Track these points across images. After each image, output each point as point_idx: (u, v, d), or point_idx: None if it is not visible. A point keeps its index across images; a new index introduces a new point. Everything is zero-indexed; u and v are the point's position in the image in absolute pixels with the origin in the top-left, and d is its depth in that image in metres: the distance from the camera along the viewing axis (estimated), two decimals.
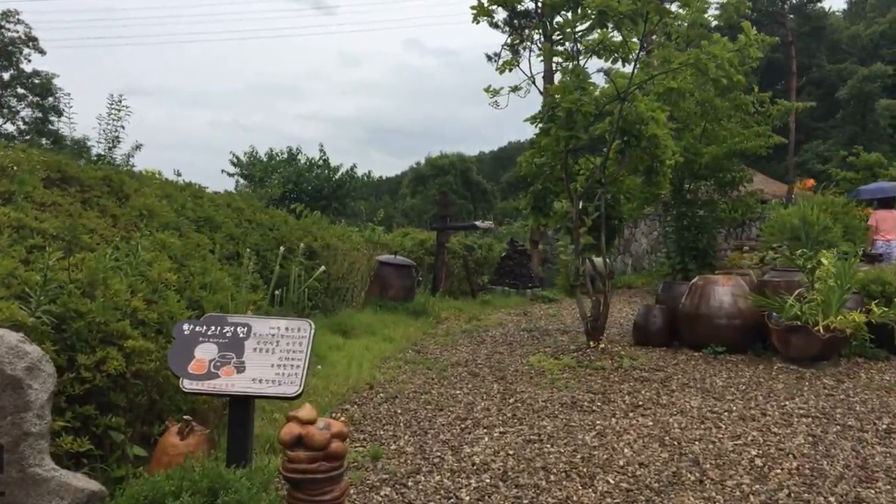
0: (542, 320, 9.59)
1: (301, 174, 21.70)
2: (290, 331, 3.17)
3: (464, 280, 11.82)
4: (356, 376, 5.94)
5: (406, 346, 7.57)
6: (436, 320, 9.21)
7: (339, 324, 7.58)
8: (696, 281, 7.14)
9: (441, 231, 10.99)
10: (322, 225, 9.56)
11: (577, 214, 6.76)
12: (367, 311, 8.72)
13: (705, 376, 6.03)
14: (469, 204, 41.14)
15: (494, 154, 76.25)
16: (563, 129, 6.34)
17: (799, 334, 6.24)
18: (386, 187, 68.65)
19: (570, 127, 6.33)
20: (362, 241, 10.34)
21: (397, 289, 9.24)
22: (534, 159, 7.59)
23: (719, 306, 6.80)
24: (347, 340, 7.25)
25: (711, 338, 6.81)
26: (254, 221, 7.84)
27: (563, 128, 6.34)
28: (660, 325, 7.23)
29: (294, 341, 3.13)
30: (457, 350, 7.45)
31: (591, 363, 6.42)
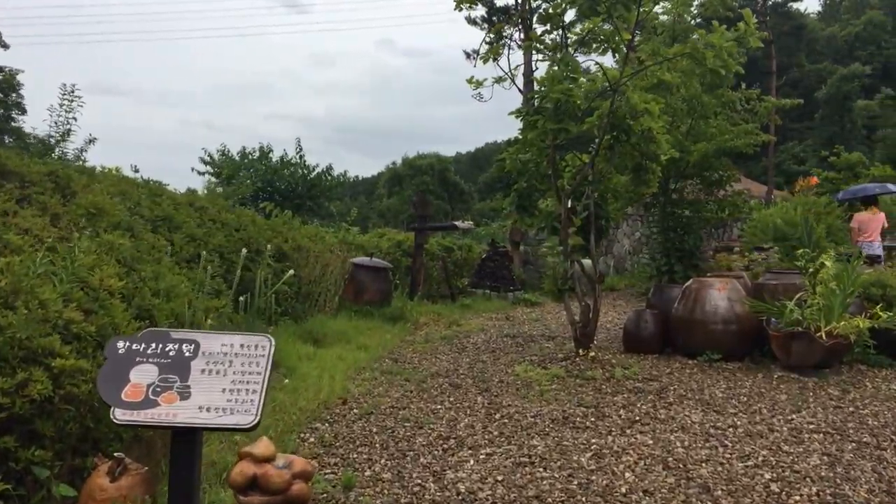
0: (526, 325, 9.17)
1: (275, 173, 21.11)
2: (246, 348, 2.69)
3: (443, 283, 11.37)
4: (328, 390, 5.45)
5: (382, 354, 7.09)
6: (414, 326, 8.74)
7: (311, 331, 7.08)
8: (690, 284, 6.77)
9: (419, 232, 10.53)
10: (293, 225, 9.05)
11: (565, 214, 6.35)
12: (341, 316, 8.22)
13: (703, 387, 5.65)
14: (446, 205, 40.74)
15: (471, 155, 76.05)
16: (551, 122, 5.92)
17: (800, 341, 5.88)
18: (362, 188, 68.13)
19: (559, 119, 5.91)
20: (336, 243, 9.83)
21: (373, 293, 8.76)
22: (518, 155, 7.16)
23: (714, 311, 6.43)
24: (319, 349, 6.75)
25: (707, 344, 6.44)
26: (218, 221, 7.32)
27: (552, 120, 5.92)
28: (652, 330, 6.84)
29: (250, 361, 2.66)
30: (437, 359, 6.99)
31: (581, 373, 6.00)
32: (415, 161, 44.64)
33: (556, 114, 5.92)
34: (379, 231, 12.19)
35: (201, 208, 7.39)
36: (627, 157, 7.23)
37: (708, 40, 5.87)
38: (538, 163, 7.12)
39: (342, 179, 20.46)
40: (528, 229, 14.16)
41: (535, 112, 6.41)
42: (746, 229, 15.31)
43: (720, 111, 10.86)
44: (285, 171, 20.60)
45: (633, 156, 7.20)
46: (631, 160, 7.30)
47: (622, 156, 7.16)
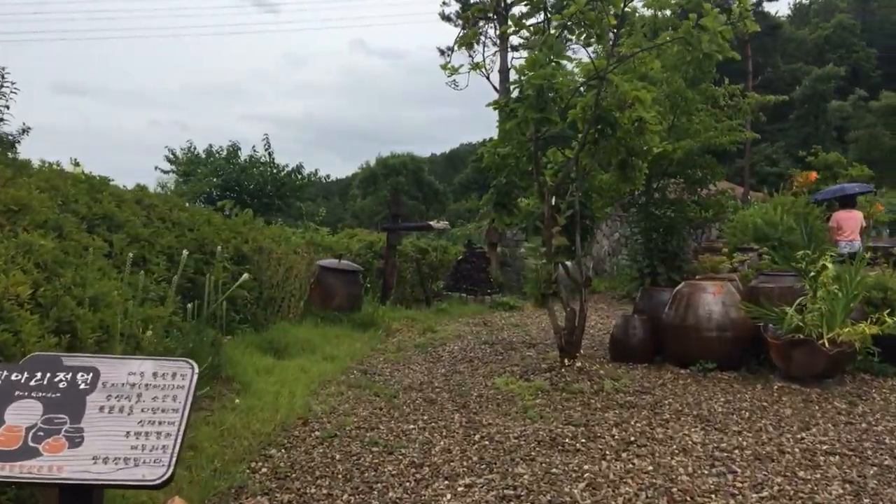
0: (505, 331, 8.65)
1: (242, 171, 20.39)
2: (161, 378, 2.11)
3: (417, 286, 10.80)
4: (287, 408, 4.86)
5: (350, 365, 6.51)
6: (385, 333, 8.17)
7: (272, 340, 6.47)
8: (682, 288, 6.30)
9: (391, 232, 9.95)
10: (255, 225, 8.41)
11: (549, 212, 5.84)
12: (306, 323, 7.62)
13: (700, 400, 5.17)
14: (421, 205, 40.17)
15: (446, 156, 75.64)
16: (532, 111, 5.40)
17: (802, 349, 5.44)
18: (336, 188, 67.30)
19: (542, 108, 5.40)
20: (302, 244, 9.21)
21: (341, 297, 8.16)
22: (497, 149, 6.64)
23: (708, 317, 5.97)
24: (280, 361, 6.15)
25: (700, 352, 5.98)
26: (168, 220, 6.67)
27: (533, 109, 5.40)
28: (641, 338, 6.37)
29: (165, 394, 2.08)
30: (410, 369, 6.43)
31: (567, 385, 5.49)
32: (388, 160, 43.97)
33: (537, 102, 5.41)
34: (349, 231, 11.58)
35: (150, 206, 6.74)
36: (612, 152, 6.75)
37: (701, 23, 5.40)
38: (518, 157, 6.62)
39: (313, 179, 19.79)
40: (505, 229, 13.69)
41: (515, 101, 5.90)
42: (726, 230, 15.02)
43: (702, 107, 10.47)
44: (254, 170, 19.90)
45: (619, 151, 6.72)
46: (616, 156, 6.82)
47: (607, 151, 6.69)
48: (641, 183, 7.07)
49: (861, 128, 27.38)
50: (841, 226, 11.58)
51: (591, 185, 7.01)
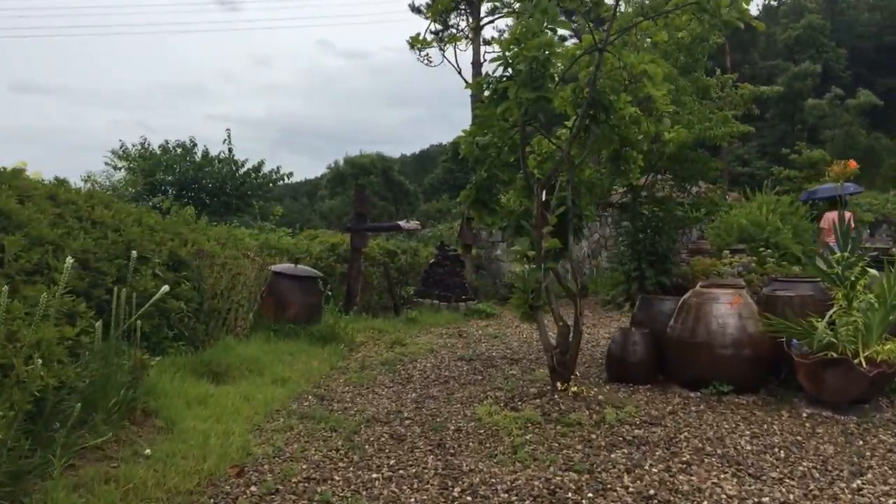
0: (483, 343, 7.74)
1: (199, 169, 19.18)
2: None
3: (384, 293, 9.84)
4: (219, 453, 3.89)
5: (305, 389, 5.55)
6: (348, 347, 7.20)
7: (210, 361, 5.47)
8: (689, 297, 5.47)
9: (356, 233, 8.98)
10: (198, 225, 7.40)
11: (538, 210, 4.95)
12: (255, 338, 6.62)
13: (722, 434, 4.32)
14: (391, 205, 39.14)
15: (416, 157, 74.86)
16: (525, 90, 4.50)
17: (837, 370, 4.64)
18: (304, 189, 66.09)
19: (537, 86, 4.51)
20: (255, 246, 8.20)
21: (298, 307, 7.17)
22: (475, 138, 5.74)
23: (722, 331, 5.14)
24: (219, 387, 5.15)
25: (713, 373, 5.14)
26: (88, 219, 5.64)
27: (526, 87, 4.50)
28: (642, 355, 5.52)
29: None
30: (375, 394, 5.49)
31: (562, 416, 4.60)
32: (357, 160, 42.84)
33: (531, 79, 4.51)
34: (310, 232, 10.57)
35: (67, 203, 5.70)
36: (605, 141, 5.92)
37: None
38: (500, 147, 5.73)
39: (275, 176, 18.65)
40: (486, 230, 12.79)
41: (503, 79, 5.00)
42: (709, 231, 14.35)
43: (694, 98, 9.73)
44: (211, 168, 18.71)
45: (612, 141, 5.90)
46: (609, 146, 5.99)
47: (599, 140, 5.85)
48: (637, 176, 6.24)
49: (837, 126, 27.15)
50: (832, 226, 10.97)
51: (580, 179, 6.16)
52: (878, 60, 41.95)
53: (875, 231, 19.28)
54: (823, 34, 43.08)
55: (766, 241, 13.96)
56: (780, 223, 14.84)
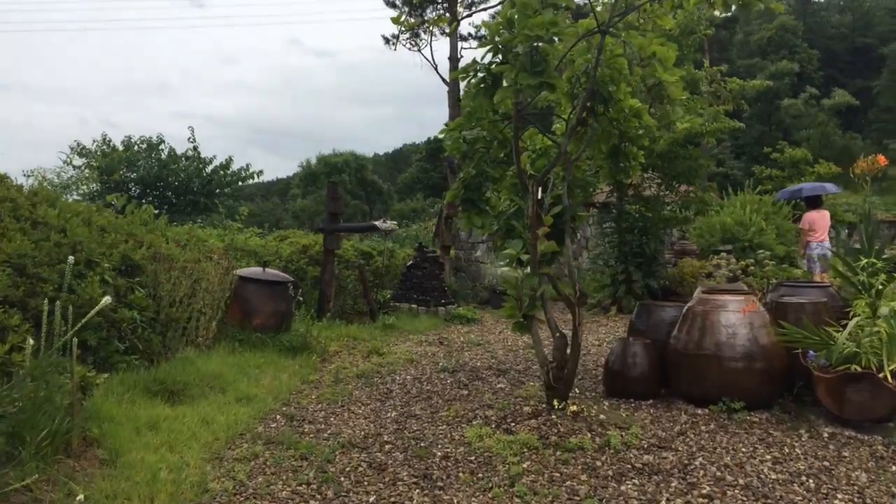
0: (467, 352, 7.25)
1: (164, 167, 18.41)
2: None
3: (360, 297, 9.29)
4: (169, 491, 3.34)
5: (273, 408, 4.99)
6: (321, 358, 6.65)
7: (166, 378, 4.88)
8: (694, 305, 5.03)
9: (330, 234, 8.42)
10: (156, 225, 6.79)
11: (533, 210, 4.47)
12: (219, 350, 6.03)
13: (741, 458, 3.88)
14: (365, 205, 38.47)
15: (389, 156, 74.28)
16: (527, 75, 4.00)
17: (861, 386, 4.24)
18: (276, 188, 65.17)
19: (539, 70, 4.01)
20: (221, 248, 7.60)
21: (266, 315, 6.60)
22: (462, 132, 5.24)
23: (732, 343, 4.71)
24: (176, 408, 4.57)
25: (722, 388, 4.71)
26: (29, 219, 5.02)
27: (526, 72, 4.00)
28: (644, 368, 5.07)
29: None
30: (350, 412, 4.96)
31: (562, 440, 4.12)
32: (330, 159, 42.04)
33: (531, 63, 4.02)
34: (280, 233, 9.95)
35: (4, 200, 5.08)
36: (604, 136, 5.47)
37: None
38: (489, 141, 5.24)
39: (244, 174, 17.94)
40: (458, 230, 12.31)
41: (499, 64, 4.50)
42: (691, 231, 14.03)
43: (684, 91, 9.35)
44: (177, 166, 17.95)
45: (611, 135, 5.45)
46: (607, 141, 5.54)
47: (597, 134, 5.39)
48: (636, 174, 5.81)
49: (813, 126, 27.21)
50: (813, 227, 10.74)
51: (574, 176, 5.70)
52: (849, 62, 42.46)
53: (853, 231, 19.22)
54: (796, 35, 43.45)
55: (750, 241, 13.71)
56: (764, 223, 14.62)
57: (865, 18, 48.69)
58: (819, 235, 10.69)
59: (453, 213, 11.66)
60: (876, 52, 43.31)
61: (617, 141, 5.50)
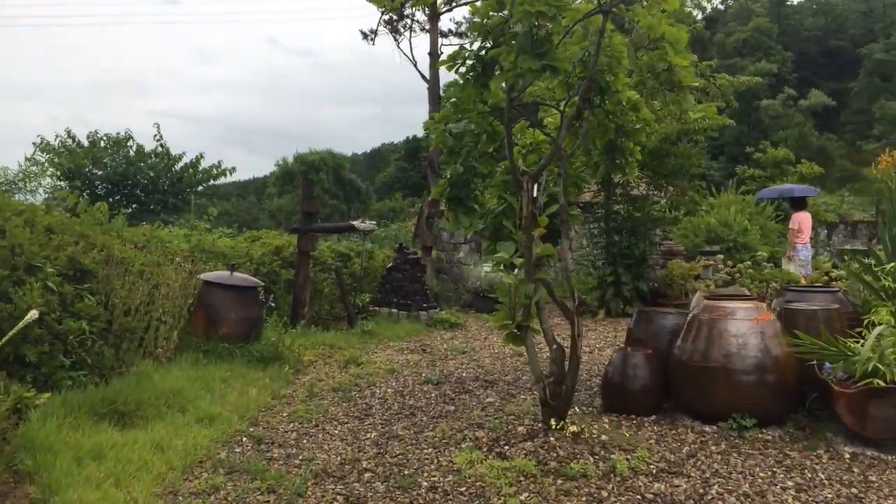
0: (451, 360, 6.80)
1: (133, 163, 17.70)
2: None
3: (337, 302, 8.80)
4: None
5: (239, 429, 4.50)
6: (295, 369, 6.16)
7: (117, 398, 4.36)
8: (699, 313, 4.64)
9: (304, 235, 7.92)
10: (112, 225, 6.25)
11: (528, 209, 4.04)
12: (180, 363, 5.51)
13: (760, 485, 3.49)
14: (343, 204, 37.82)
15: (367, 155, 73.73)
16: (527, 57, 3.57)
17: (885, 401, 3.88)
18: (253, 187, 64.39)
19: (541, 52, 3.58)
20: (186, 250, 7.06)
21: (234, 323, 6.09)
22: (449, 125, 4.79)
23: (742, 354, 4.32)
24: (126, 433, 4.06)
25: (732, 403, 4.32)
26: None
27: (528, 54, 3.57)
28: (644, 381, 4.67)
29: None
30: (326, 434, 4.48)
31: (562, 465, 3.69)
32: (307, 157, 41.31)
33: (532, 44, 3.59)
34: (252, 233, 9.42)
35: None
36: (599, 130, 5.08)
37: None
38: (478, 134, 4.80)
39: (216, 172, 17.30)
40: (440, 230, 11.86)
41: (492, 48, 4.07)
42: (675, 232, 13.75)
43: None
44: (144, 163, 17.26)
45: (608, 129, 5.06)
46: (603, 135, 5.16)
47: (592, 128, 5.01)
48: (634, 172, 5.42)
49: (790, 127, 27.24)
50: (801, 228, 10.51)
51: (568, 173, 5.30)
52: (823, 64, 42.82)
53: (832, 232, 19.15)
54: (770, 37, 43.69)
55: (735, 242, 13.47)
56: (748, 223, 14.39)
57: (838, 21, 49.21)
58: (805, 237, 10.48)
59: (435, 212, 11.22)
60: (849, 55, 43.76)
61: (613, 135, 5.12)
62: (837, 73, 43.49)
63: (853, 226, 18.85)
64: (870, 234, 19.03)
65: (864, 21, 47.57)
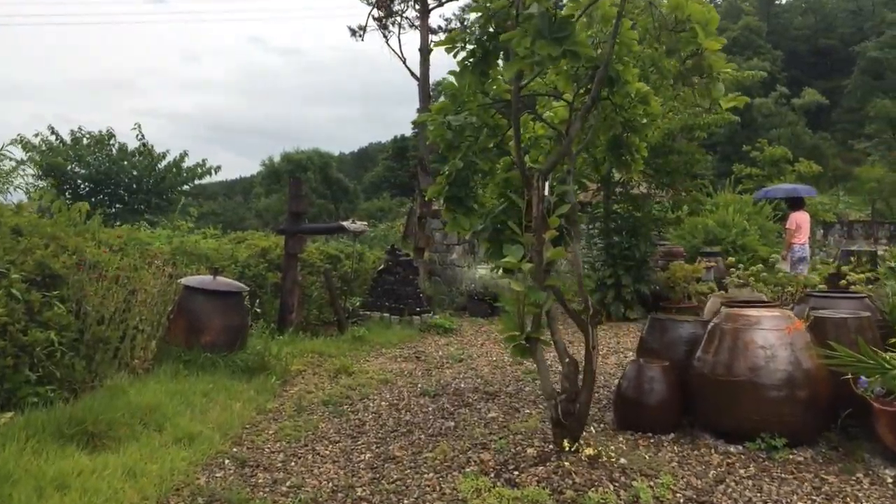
0: (447, 369, 6.43)
1: (116, 162, 17.22)
2: None
3: (326, 306, 8.41)
4: None
5: (221, 450, 4.10)
6: (282, 380, 5.77)
7: (87, 417, 3.96)
8: (721, 322, 4.30)
9: (292, 236, 7.53)
10: (89, 226, 5.84)
11: (538, 209, 3.68)
12: (158, 375, 5.11)
13: None
14: (330, 203, 37.37)
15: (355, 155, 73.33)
16: (545, 42, 3.20)
17: None
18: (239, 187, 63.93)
19: (562, 36, 3.23)
20: (167, 252, 6.65)
21: (217, 331, 5.69)
22: (447, 118, 4.43)
23: (770, 367, 3.99)
24: (96, 457, 3.67)
25: (759, 421, 3.99)
26: None
27: (545, 38, 3.20)
28: (662, 395, 4.32)
29: None
30: (316, 455, 4.10)
31: (579, 495, 3.33)
32: (293, 156, 40.82)
33: (551, 27, 3.22)
34: (237, 234, 8.99)
35: None
36: (606, 124, 4.75)
37: None
38: (479, 128, 4.44)
39: (201, 171, 16.84)
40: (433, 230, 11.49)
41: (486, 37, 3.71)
42: (672, 232, 13.46)
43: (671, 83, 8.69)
44: (127, 162, 16.78)
45: (614, 123, 4.73)
46: (608, 130, 4.83)
47: (598, 122, 4.67)
48: (639, 169, 5.08)
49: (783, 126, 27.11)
50: (800, 228, 10.30)
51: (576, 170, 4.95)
52: (812, 63, 42.83)
53: (828, 232, 18.97)
54: (760, 36, 43.65)
55: (733, 242, 13.19)
56: (747, 224, 14.12)
57: (827, 20, 49.29)
58: (802, 238, 10.28)
59: (427, 211, 10.85)
60: (838, 54, 43.81)
61: (619, 130, 4.79)
62: (827, 71, 43.55)
63: (850, 226, 18.68)
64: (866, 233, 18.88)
65: (854, 20, 47.67)
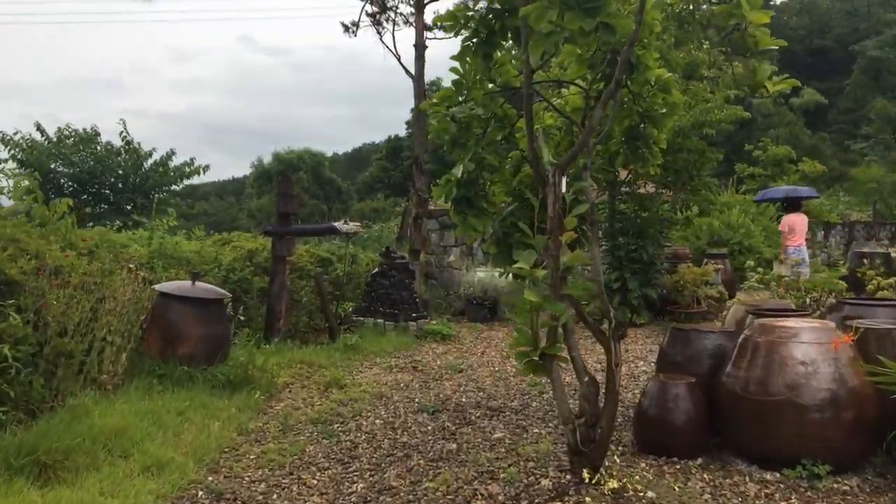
0: (447, 381, 5.98)
1: (99, 162, 16.65)
2: None
3: (317, 312, 7.94)
4: None
5: (194, 479, 3.64)
6: (267, 395, 5.30)
7: (40, 444, 3.49)
8: (753, 334, 3.87)
9: (280, 238, 7.06)
10: (59, 226, 5.36)
11: (555, 208, 3.23)
12: (128, 392, 4.64)
13: None
14: (323, 204, 36.86)
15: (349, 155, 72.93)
16: (574, 15, 2.76)
17: None
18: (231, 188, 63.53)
19: (594, 6, 2.79)
20: (144, 255, 6.17)
21: (196, 341, 5.22)
22: (451, 109, 3.99)
23: (811, 385, 3.56)
24: (48, 491, 3.20)
25: (799, 445, 3.56)
26: None
27: (574, 10, 2.77)
28: (689, 416, 3.89)
29: None
30: (302, 485, 3.64)
31: None
32: (285, 156, 40.29)
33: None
34: (222, 236, 8.49)
35: None
36: (622, 114, 4.34)
37: None
38: (487, 120, 4.00)
39: (188, 170, 16.30)
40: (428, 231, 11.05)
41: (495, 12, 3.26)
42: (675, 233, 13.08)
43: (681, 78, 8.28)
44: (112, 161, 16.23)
45: (631, 112, 4.32)
46: (622, 121, 4.42)
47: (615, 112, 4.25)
48: (658, 164, 4.65)
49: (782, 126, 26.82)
50: (794, 229, 10.04)
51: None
52: (808, 64, 42.56)
53: (828, 232, 18.64)
54: None
55: (739, 244, 12.83)
56: (752, 225, 13.78)
57: (822, 21, 49.08)
58: (797, 239, 10.00)
59: (423, 212, 10.41)
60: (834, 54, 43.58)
61: (636, 120, 4.37)
62: (823, 72, 43.29)
63: (851, 226, 18.36)
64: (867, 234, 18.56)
65: (849, 20, 47.49)
